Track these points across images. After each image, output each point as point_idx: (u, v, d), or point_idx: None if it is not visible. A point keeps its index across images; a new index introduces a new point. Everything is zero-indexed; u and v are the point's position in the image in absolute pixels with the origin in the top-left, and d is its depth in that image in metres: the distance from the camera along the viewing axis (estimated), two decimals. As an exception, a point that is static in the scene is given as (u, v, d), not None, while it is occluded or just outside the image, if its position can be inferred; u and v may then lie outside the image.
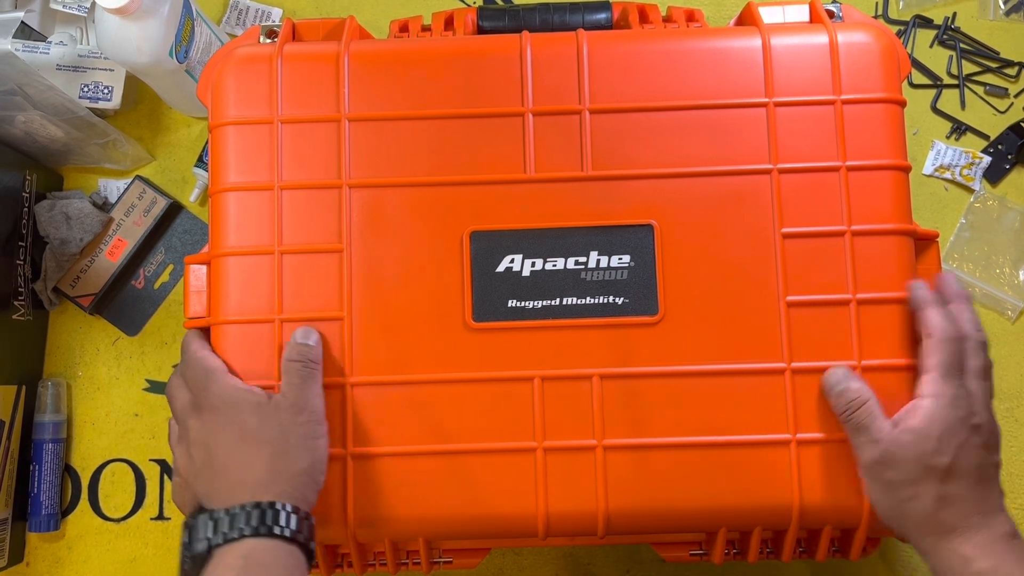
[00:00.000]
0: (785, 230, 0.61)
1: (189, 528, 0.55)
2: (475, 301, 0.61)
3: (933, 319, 0.58)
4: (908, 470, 0.55)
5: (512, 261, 0.62)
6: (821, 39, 0.63)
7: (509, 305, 0.61)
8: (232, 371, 0.60)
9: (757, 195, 0.62)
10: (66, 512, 0.80)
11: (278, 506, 0.54)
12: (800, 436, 0.60)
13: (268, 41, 0.67)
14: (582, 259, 0.62)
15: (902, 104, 0.63)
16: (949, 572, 0.54)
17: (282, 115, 0.63)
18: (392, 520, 0.60)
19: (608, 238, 0.62)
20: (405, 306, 0.61)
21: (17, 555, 0.78)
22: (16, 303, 0.79)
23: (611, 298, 0.61)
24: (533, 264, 0.62)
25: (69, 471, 0.81)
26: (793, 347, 0.60)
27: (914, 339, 0.61)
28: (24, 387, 0.79)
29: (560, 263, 0.62)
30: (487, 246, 0.62)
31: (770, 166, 0.62)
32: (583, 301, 0.61)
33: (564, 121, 0.63)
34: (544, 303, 0.61)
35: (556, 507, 0.59)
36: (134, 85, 0.84)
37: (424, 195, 0.62)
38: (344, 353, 0.61)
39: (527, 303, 0.61)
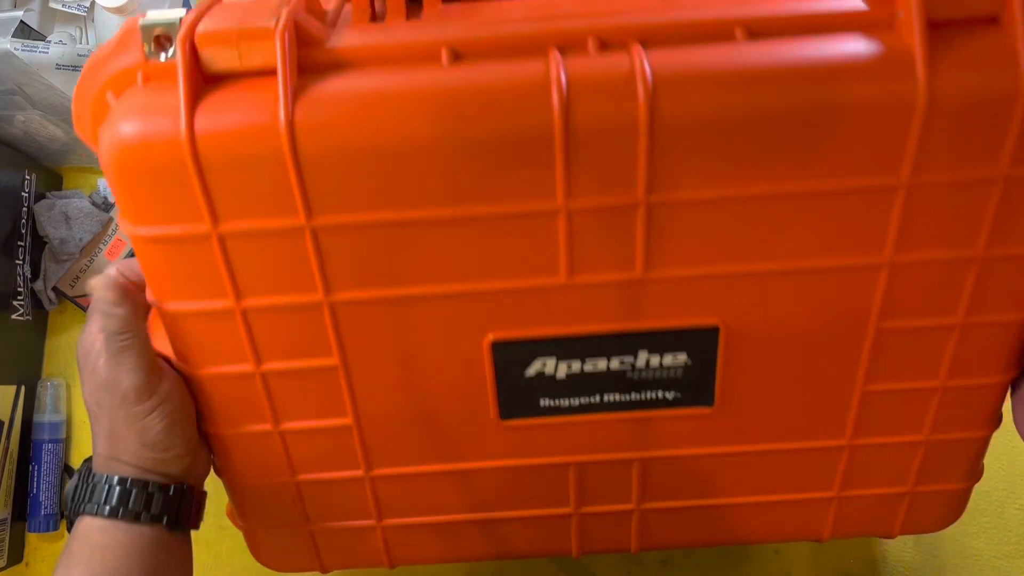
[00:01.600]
0: (885, 325, 0.49)
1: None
2: (501, 403, 0.52)
3: None
4: None
5: (544, 365, 0.51)
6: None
7: (542, 405, 0.53)
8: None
9: (858, 288, 0.48)
10: (66, 512, 0.80)
11: (134, 481, 0.50)
12: (843, 494, 0.57)
13: (161, 59, 0.44)
14: (628, 358, 0.51)
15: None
16: None
17: (220, 228, 0.45)
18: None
19: (662, 339, 0.50)
20: (419, 409, 0.53)
21: (17, 555, 0.78)
22: (15, 303, 0.78)
23: (661, 393, 0.52)
24: (569, 366, 0.51)
25: (69, 471, 0.79)
26: (858, 427, 0.54)
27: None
28: (24, 387, 0.78)
29: (602, 364, 0.51)
30: (512, 354, 0.50)
31: (883, 261, 0.47)
32: (628, 397, 0.52)
33: (612, 212, 0.45)
34: (582, 400, 0.53)
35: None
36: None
37: (428, 306, 0.48)
38: (357, 453, 0.54)
39: (562, 401, 0.52)
